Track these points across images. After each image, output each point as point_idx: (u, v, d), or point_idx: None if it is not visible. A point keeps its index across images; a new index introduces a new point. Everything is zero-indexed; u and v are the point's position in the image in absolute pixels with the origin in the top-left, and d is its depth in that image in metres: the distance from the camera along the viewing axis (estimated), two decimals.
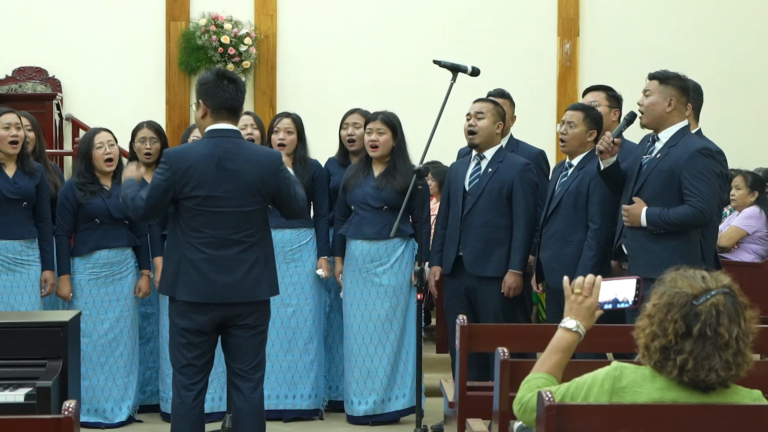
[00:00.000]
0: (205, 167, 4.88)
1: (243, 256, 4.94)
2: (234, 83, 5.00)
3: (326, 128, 8.33)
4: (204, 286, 4.91)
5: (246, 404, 5.04)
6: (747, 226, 8.34)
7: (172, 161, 4.93)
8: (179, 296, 4.95)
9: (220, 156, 4.90)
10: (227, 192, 4.89)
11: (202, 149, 4.94)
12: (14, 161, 6.54)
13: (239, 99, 5.01)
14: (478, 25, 10.88)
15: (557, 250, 6.15)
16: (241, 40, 10.50)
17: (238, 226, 4.92)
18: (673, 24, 11.00)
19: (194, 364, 4.99)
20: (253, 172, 4.93)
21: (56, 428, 2.66)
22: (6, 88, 10.46)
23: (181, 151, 5.10)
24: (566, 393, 3.01)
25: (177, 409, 5.01)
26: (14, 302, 6.48)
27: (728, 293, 2.92)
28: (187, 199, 4.90)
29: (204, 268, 4.91)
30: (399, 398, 6.79)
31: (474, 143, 6.48)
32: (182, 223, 4.96)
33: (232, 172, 4.90)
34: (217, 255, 4.91)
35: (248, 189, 4.92)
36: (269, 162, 5.02)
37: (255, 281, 4.97)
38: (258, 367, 5.08)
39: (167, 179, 4.90)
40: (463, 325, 4.39)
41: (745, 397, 2.97)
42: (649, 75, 5.68)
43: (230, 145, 4.94)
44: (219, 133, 4.96)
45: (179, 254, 4.95)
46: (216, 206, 4.89)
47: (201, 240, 4.91)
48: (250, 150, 5.04)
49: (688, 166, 5.48)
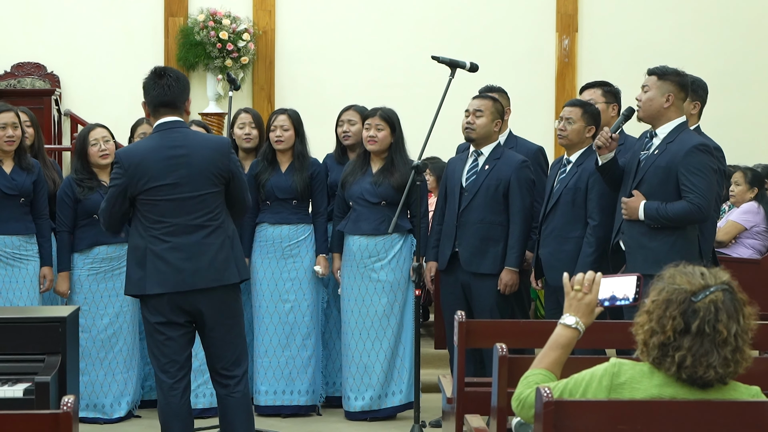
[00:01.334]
0: (156, 158, 4.94)
1: (208, 240, 4.96)
2: (164, 77, 5.06)
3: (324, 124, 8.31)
4: (172, 276, 4.92)
5: (230, 399, 5.05)
6: (744, 220, 8.34)
7: (123, 159, 5.01)
8: (149, 290, 4.95)
9: (169, 145, 4.96)
10: (181, 178, 4.93)
11: (150, 143, 5.05)
12: (11, 157, 6.54)
13: (173, 91, 5.05)
14: (477, 21, 10.88)
15: (556, 247, 6.15)
16: (239, 36, 10.50)
17: (197, 211, 4.95)
18: (672, 20, 11.00)
19: (175, 360, 5.00)
20: (203, 155, 4.98)
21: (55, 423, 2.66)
22: (4, 83, 10.46)
23: (130, 149, 5.23)
24: (564, 389, 3.01)
25: (165, 409, 5.03)
26: (12, 297, 6.48)
27: (727, 290, 2.92)
28: (144, 192, 4.94)
29: (170, 257, 4.93)
30: (396, 394, 6.79)
31: (471, 138, 6.48)
32: (142, 218, 4.99)
33: (182, 158, 4.95)
34: (181, 242, 4.93)
35: (201, 172, 4.96)
36: (218, 145, 5.10)
37: (223, 265, 4.98)
38: (238, 362, 5.09)
39: (122, 177, 4.97)
40: (462, 321, 4.39)
41: (744, 393, 2.97)
42: (648, 70, 5.68)
43: (176, 134, 5.01)
44: (164, 126, 5.04)
45: (143, 249, 4.96)
46: (173, 194, 4.93)
47: (163, 230, 4.94)
48: (198, 136, 5.16)
49: (686, 162, 5.48)
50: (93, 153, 6.66)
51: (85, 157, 6.67)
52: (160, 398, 5.04)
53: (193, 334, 5.09)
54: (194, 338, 5.11)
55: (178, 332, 4.99)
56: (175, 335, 4.98)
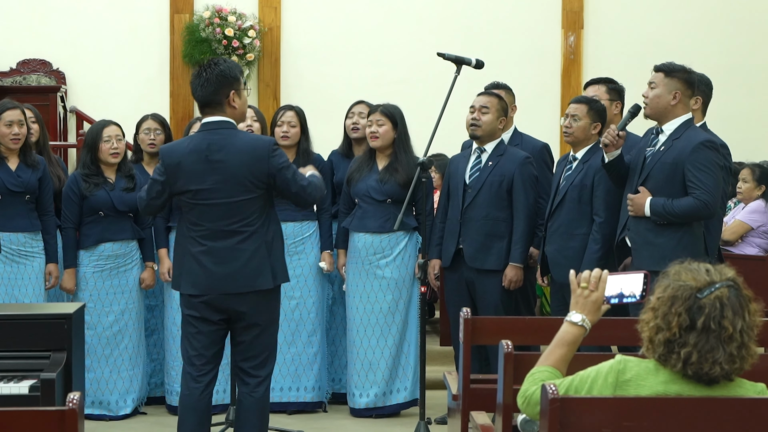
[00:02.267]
0: (193, 161, 4.91)
1: (242, 245, 4.93)
2: (201, 75, 4.97)
3: (330, 121, 8.32)
4: (203, 278, 4.93)
5: (250, 399, 5.04)
6: (751, 220, 8.31)
7: (164, 157, 5.01)
8: (183, 290, 5.00)
9: (205, 149, 4.91)
10: (215, 184, 4.89)
11: (191, 144, 4.98)
12: (17, 154, 6.55)
13: (207, 90, 4.95)
14: (482, 18, 10.86)
15: (562, 244, 6.15)
16: (245, 33, 10.49)
17: (231, 217, 4.92)
18: (678, 17, 10.97)
19: (203, 354, 5.00)
20: (239, 161, 4.90)
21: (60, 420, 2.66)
22: (10, 80, 10.47)
23: (172, 147, 5.15)
24: (570, 386, 3.01)
25: (184, 400, 5.02)
26: (18, 294, 6.49)
27: (732, 286, 2.91)
28: (182, 194, 4.95)
29: (203, 260, 4.93)
30: (400, 391, 6.80)
31: (476, 135, 6.48)
32: (183, 217, 5.03)
33: (218, 163, 4.90)
34: (215, 246, 4.93)
35: (235, 179, 4.90)
36: (256, 150, 4.94)
37: (255, 271, 4.95)
38: (265, 363, 5.07)
39: (162, 175, 4.98)
40: (467, 318, 4.39)
41: (750, 390, 2.97)
42: (655, 67, 5.67)
43: (216, 137, 4.93)
44: (207, 126, 4.98)
45: (183, 248, 5.01)
46: (207, 199, 4.91)
47: (199, 233, 4.94)
48: (238, 140, 4.98)
49: (692, 158, 5.47)
50: (104, 149, 6.66)
51: (96, 152, 6.67)
52: (183, 389, 5.04)
53: (225, 332, 5.08)
54: (226, 335, 5.10)
55: (210, 328, 4.99)
56: (206, 330, 4.99)
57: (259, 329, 5.02)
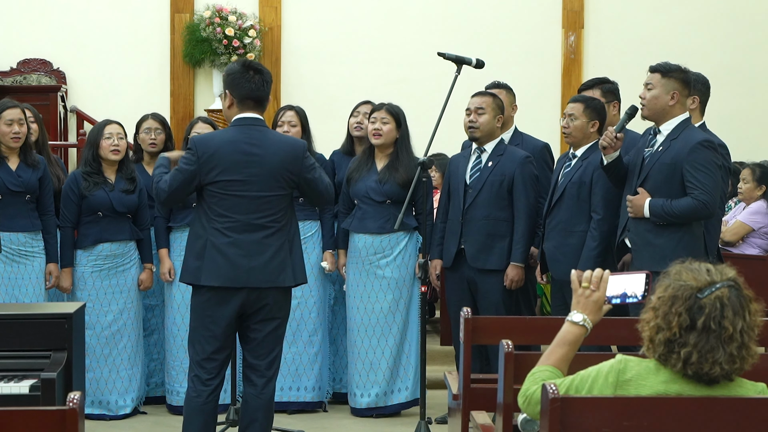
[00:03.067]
0: (230, 152, 4.94)
1: (268, 240, 4.97)
2: (260, 74, 5.07)
3: (330, 121, 8.33)
4: (229, 270, 4.92)
5: (257, 399, 5.06)
6: (753, 221, 8.30)
7: (198, 146, 4.99)
8: (204, 281, 4.94)
9: (245, 141, 4.96)
10: (251, 176, 4.94)
11: (228, 136, 5.03)
12: (17, 154, 6.54)
13: (265, 90, 5.08)
14: (483, 18, 10.87)
15: (561, 241, 6.15)
16: (245, 33, 10.50)
17: (262, 211, 4.96)
18: (678, 16, 10.98)
19: (215, 359, 4.99)
20: (277, 157, 4.99)
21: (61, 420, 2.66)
22: (11, 80, 10.48)
23: (207, 137, 5.17)
24: (570, 386, 3.01)
25: (191, 402, 5.00)
26: (18, 294, 6.49)
27: (733, 286, 2.91)
28: (212, 184, 4.95)
29: (229, 252, 4.92)
30: (401, 391, 6.80)
31: (475, 137, 6.49)
32: (207, 209, 4.99)
33: (256, 156, 4.95)
34: (242, 239, 4.93)
35: (272, 174, 4.96)
36: (293, 149, 5.09)
37: (279, 267, 4.99)
38: (273, 362, 5.09)
39: (193, 164, 4.96)
40: (467, 318, 4.39)
41: (750, 390, 2.97)
42: (651, 68, 5.66)
43: (255, 132, 5.01)
44: (245, 121, 5.03)
45: (204, 241, 4.96)
46: (241, 191, 4.93)
47: (226, 224, 4.94)
48: (275, 137, 5.15)
49: (690, 158, 5.47)
50: (105, 146, 6.67)
51: (97, 149, 6.68)
52: (190, 391, 5.01)
53: (235, 336, 5.09)
54: (235, 338, 5.12)
55: (225, 331, 4.98)
56: (219, 334, 4.97)
57: (275, 324, 5.05)
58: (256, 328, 5.04)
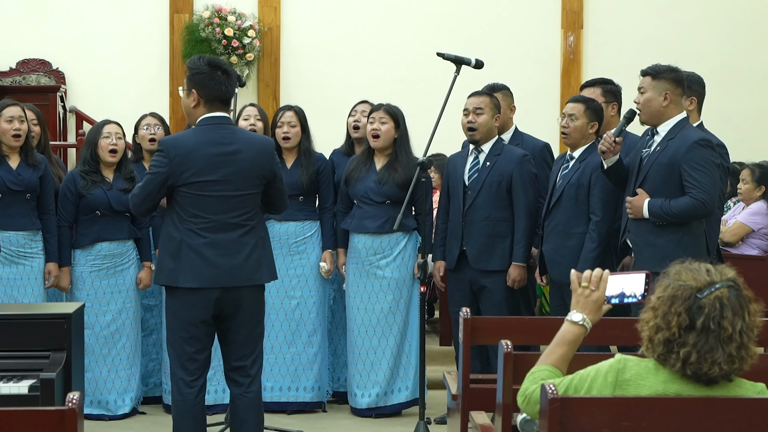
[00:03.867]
0: (203, 152, 4.89)
1: (244, 239, 4.95)
2: (227, 74, 5.01)
3: (330, 120, 8.33)
4: (207, 271, 4.89)
5: (244, 398, 5.03)
6: (753, 222, 8.29)
7: (169, 148, 4.92)
8: (182, 283, 4.89)
9: (218, 141, 4.92)
10: (227, 176, 4.90)
11: (199, 136, 4.95)
12: (18, 153, 6.55)
13: (232, 90, 5.06)
14: (482, 18, 10.87)
15: (559, 243, 6.15)
16: (244, 33, 10.50)
17: (237, 210, 4.94)
18: (677, 16, 10.98)
19: (196, 359, 4.96)
20: (250, 155, 4.96)
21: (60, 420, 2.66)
22: (10, 80, 10.47)
23: (177, 137, 5.11)
24: (570, 385, 3.01)
25: (179, 406, 4.98)
26: (18, 294, 6.49)
27: (732, 286, 2.91)
28: (186, 185, 4.89)
29: (206, 252, 4.89)
30: (402, 390, 6.80)
31: (475, 139, 6.49)
32: (179, 210, 4.93)
33: (230, 155, 4.92)
34: (219, 239, 4.91)
35: (246, 172, 4.94)
36: (263, 146, 5.07)
37: (255, 265, 4.98)
38: (255, 361, 5.07)
39: (165, 166, 4.88)
40: (467, 318, 4.39)
41: (749, 390, 2.97)
42: (642, 72, 5.67)
43: (225, 131, 4.97)
44: (214, 120, 4.98)
45: (178, 241, 4.91)
46: (216, 190, 4.90)
47: (201, 225, 4.90)
48: (245, 135, 5.11)
49: (687, 157, 5.47)
50: (103, 145, 6.67)
51: (95, 148, 6.69)
52: (175, 394, 5.00)
53: (214, 334, 5.06)
54: (214, 338, 5.09)
55: (203, 331, 4.96)
56: (199, 334, 4.95)
57: (250, 326, 5.03)
58: (236, 330, 5.01)
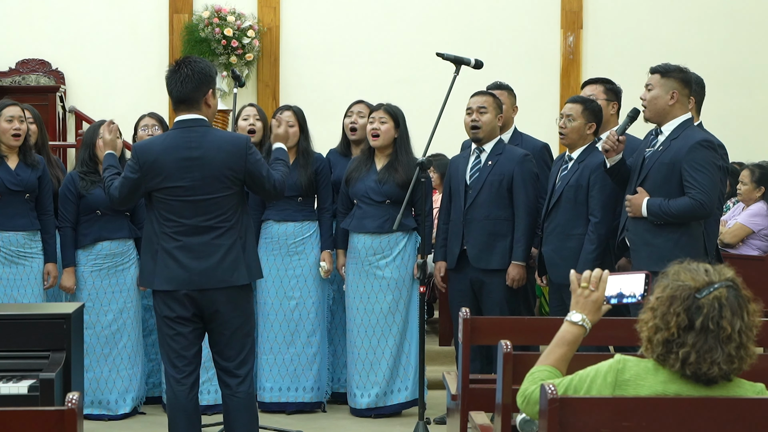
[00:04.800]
0: (170, 158, 4.90)
1: (218, 241, 4.94)
2: (179, 72, 5.01)
3: (329, 121, 8.33)
4: (180, 274, 4.92)
5: (234, 399, 5.03)
6: (753, 223, 8.29)
7: (139, 154, 4.98)
8: (157, 285, 4.97)
9: (184, 146, 4.92)
10: (194, 181, 4.90)
11: (166, 141, 4.98)
12: (16, 153, 6.55)
13: (186, 87, 4.98)
14: (482, 18, 10.88)
15: (559, 244, 6.15)
16: (244, 33, 10.50)
17: (209, 213, 4.93)
18: (677, 17, 10.98)
19: (183, 355, 4.99)
20: (218, 158, 4.93)
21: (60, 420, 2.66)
22: (9, 80, 10.47)
23: (146, 144, 5.13)
24: (569, 386, 3.01)
25: (172, 403, 5.02)
26: (17, 295, 6.49)
27: (731, 286, 2.91)
28: (158, 191, 4.93)
29: (179, 256, 4.92)
30: (401, 391, 6.79)
31: (478, 138, 6.49)
32: (156, 213, 4.98)
33: (196, 160, 4.91)
34: (191, 242, 4.92)
35: (214, 176, 4.92)
36: (234, 147, 4.99)
37: (231, 266, 4.96)
38: (244, 362, 5.06)
39: (137, 173, 4.95)
40: (466, 318, 4.39)
41: (749, 390, 2.97)
42: (651, 69, 5.67)
43: (193, 135, 4.95)
44: (183, 124, 4.99)
45: (155, 245, 4.97)
46: (185, 195, 4.91)
47: (174, 229, 4.93)
48: (215, 137, 5.02)
49: (689, 158, 5.47)
50: (101, 146, 6.67)
51: (93, 148, 6.69)
52: (168, 392, 5.03)
53: (202, 331, 5.07)
54: (203, 335, 5.10)
55: (187, 328, 4.98)
56: (183, 331, 4.98)
57: (236, 325, 5.02)
58: (219, 332, 5.02)
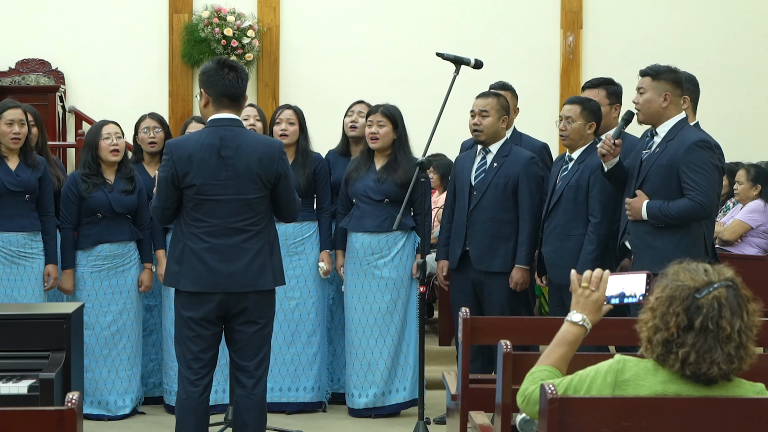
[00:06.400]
0: (205, 155, 4.89)
1: (246, 244, 4.93)
2: (234, 71, 5.00)
3: (329, 120, 8.32)
4: (206, 276, 4.90)
5: (247, 399, 5.03)
6: (751, 220, 8.30)
7: (173, 150, 4.95)
8: (182, 287, 4.94)
9: (219, 144, 4.90)
10: (227, 179, 4.89)
11: (202, 138, 4.96)
12: (17, 154, 6.55)
13: (240, 86, 5.01)
14: (482, 18, 10.87)
15: (558, 245, 6.15)
16: (244, 33, 10.50)
17: (239, 214, 4.92)
18: (676, 17, 10.98)
19: (201, 358, 4.97)
20: (252, 158, 4.92)
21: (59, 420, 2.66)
22: (9, 80, 10.47)
23: (181, 140, 5.12)
24: (569, 386, 3.01)
25: (182, 404, 5.00)
26: (17, 295, 6.48)
27: (731, 286, 2.91)
28: (188, 188, 4.91)
29: (206, 258, 4.90)
30: (399, 391, 6.79)
31: (480, 140, 6.49)
32: (184, 213, 4.97)
33: (230, 159, 4.90)
34: (219, 244, 4.91)
35: (247, 176, 4.91)
36: (269, 149, 4.99)
37: (259, 270, 4.95)
38: (262, 362, 5.06)
39: (170, 168, 4.92)
40: (466, 318, 4.39)
41: (748, 390, 2.97)
42: (641, 72, 5.66)
43: (229, 134, 4.94)
44: (219, 122, 4.97)
45: (182, 245, 4.95)
46: (216, 194, 4.89)
47: (203, 229, 4.91)
48: (250, 138, 5.03)
49: (686, 159, 5.47)
50: (104, 147, 6.67)
51: (95, 150, 6.69)
52: (180, 392, 5.01)
53: (220, 335, 5.06)
54: (221, 338, 5.08)
55: (209, 331, 4.97)
56: (204, 334, 4.96)
57: (259, 326, 5.02)
58: (240, 330, 5.01)
